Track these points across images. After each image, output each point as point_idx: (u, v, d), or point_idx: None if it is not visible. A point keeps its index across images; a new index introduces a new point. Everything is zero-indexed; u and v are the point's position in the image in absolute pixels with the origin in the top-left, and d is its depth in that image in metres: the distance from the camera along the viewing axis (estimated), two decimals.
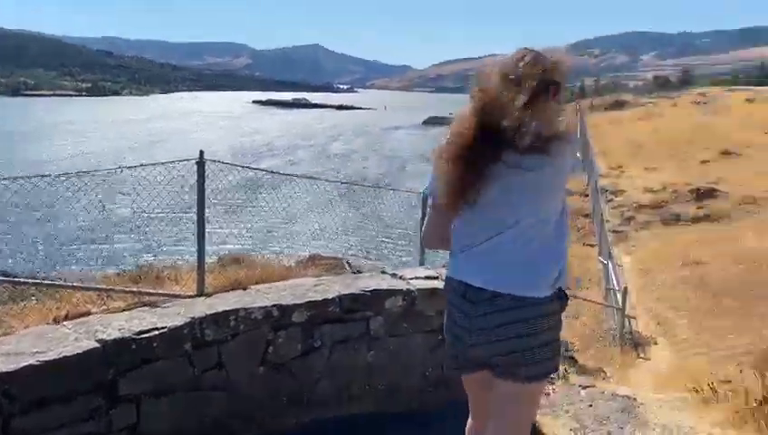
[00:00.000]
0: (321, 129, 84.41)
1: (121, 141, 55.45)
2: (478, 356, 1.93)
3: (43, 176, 5.23)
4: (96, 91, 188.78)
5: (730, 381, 4.79)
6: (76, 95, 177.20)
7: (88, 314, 5.24)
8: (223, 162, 6.01)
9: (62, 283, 5.75)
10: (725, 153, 28.15)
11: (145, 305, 5.26)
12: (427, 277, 3.87)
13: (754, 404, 4.12)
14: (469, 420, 2.23)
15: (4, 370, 2.33)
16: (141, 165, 5.48)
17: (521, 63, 1.80)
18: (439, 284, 3.79)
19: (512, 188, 1.80)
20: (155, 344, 2.76)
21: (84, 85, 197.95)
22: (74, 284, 5.69)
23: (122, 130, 67.81)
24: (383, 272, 4.06)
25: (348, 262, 8.02)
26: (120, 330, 2.72)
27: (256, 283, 5.59)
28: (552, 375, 2.01)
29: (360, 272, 6.73)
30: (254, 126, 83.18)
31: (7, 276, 6.54)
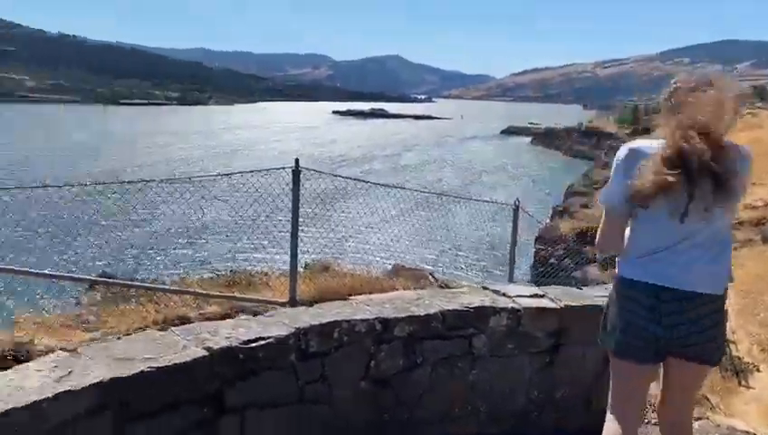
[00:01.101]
0: (397, 139, 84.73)
1: (204, 150, 57.59)
2: (669, 347, 2.17)
3: (144, 181, 5.37)
4: (184, 100, 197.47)
5: None
6: (166, 104, 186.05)
7: (186, 318, 5.34)
8: (317, 171, 6.03)
9: (159, 286, 5.89)
10: None
11: (240, 312, 5.31)
12: (533, 295, 3.66)
13: None
14: (613, 428, 2.27)
15: (119, 375, 2.32)
16: (240, 172, 5.57)
17: (723, 84, 2.04)
18: (547, 302, 3.58)
19: (709, 201, 1.96)
20: (261, 355, 2.70)
21: (174, 95, 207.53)
22: (172, 287, 5.82)
23: (206, 139, 70.43)
24: (484, 288, 3.87)
25: (432, 274, 7.86)
26: (227, 338, 2.67)
27: (349, 294, 5.53)
28: None
29: (446, 286, 6.57)
30: (331, 136, 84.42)
31: (108, 278, 6.80)
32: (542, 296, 3.67)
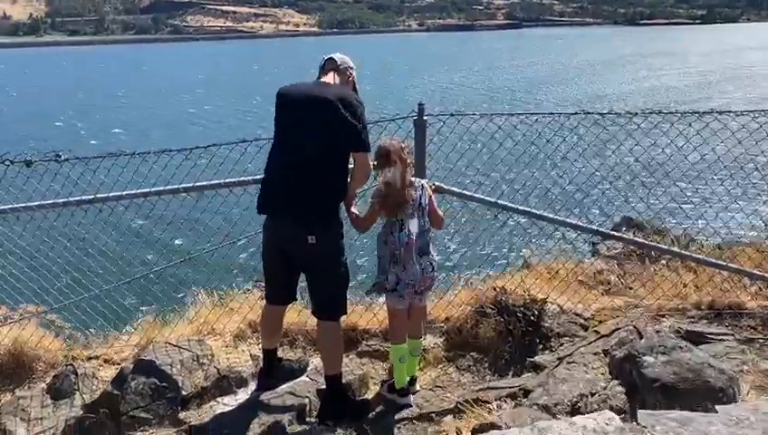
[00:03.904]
0: None
1: (698, 76, 49.94)
2: None
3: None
4: (710, 18, 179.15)
5: None
6: (689, 23, 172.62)
7: (739, 305, 3.89)
8: None
9: (703, 258, 4.50)
10: None
11: None
12: None
13: None
14: None
15: None
16: None
17: None
18: None
19: None
20: None
21: (699, 12, 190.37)
22: (717, 262, 4.39)
23: (707, 62, 61.16)
24: None
25: None
26: None
27: None
28: None
29: None
30: None
31: (633, 227, 5.77)
32: None
